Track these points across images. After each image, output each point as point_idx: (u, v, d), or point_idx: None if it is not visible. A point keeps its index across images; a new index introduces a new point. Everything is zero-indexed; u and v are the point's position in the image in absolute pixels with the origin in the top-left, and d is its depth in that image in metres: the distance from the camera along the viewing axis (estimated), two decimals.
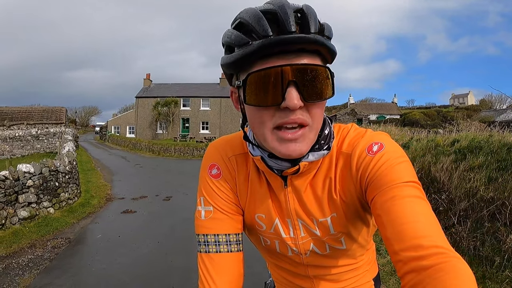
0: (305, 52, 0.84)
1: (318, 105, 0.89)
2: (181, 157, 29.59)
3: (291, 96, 0.82)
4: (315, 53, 0.85)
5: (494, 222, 5.02)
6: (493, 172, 5.85)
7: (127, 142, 39.68)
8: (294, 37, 0.80)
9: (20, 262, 5.95)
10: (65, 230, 7.96)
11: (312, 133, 0.91)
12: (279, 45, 0.81)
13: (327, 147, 1.01)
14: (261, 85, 0.85)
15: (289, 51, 0.82)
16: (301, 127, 0.88)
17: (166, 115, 47.70)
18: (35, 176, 8.55)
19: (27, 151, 29.27)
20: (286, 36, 0.80)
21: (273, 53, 0.83)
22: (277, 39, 0.80)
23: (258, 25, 0.82)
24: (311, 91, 0.84)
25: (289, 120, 0.86)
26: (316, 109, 0.88)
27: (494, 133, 8.02)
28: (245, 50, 0.84)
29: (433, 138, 9.20)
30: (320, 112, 0.90)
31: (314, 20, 0.83)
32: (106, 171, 18.67)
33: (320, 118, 0.92)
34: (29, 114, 37.45)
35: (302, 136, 0.88)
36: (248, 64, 0.87)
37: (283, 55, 0.83)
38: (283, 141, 0.89)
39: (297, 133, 0.87)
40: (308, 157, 0.97)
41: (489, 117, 40.46)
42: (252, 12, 0.85)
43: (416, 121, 48.62)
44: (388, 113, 62.31)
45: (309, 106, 0.87)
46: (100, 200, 11.20)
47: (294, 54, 0.83)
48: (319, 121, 0.92)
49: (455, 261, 0.70)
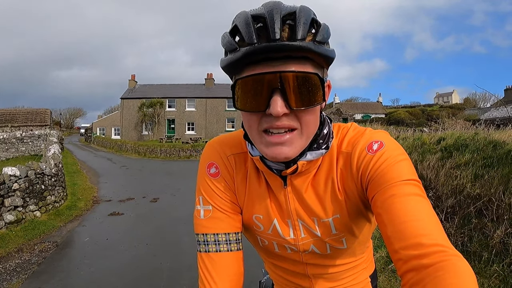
0: (293, 58, 0.83)
1: (308, 111, 0.88)
2: (167, 158, 29.40)
3: (275, 104, 0.82)
4: (304, 59, 0.84)
5: (481, 218, 5.10)
6: (479, 169, 5.94)
7: (113, 143, 39.16)
8: (277, 45, 0.79)
9: (8, 267, 5.85)
10: (52, 233, 7.85)
11: (303, 138, 0.91)
12: (263, 53, 0.81)
13: (325, 147, 1.01)
14: (247, 91, 0.86)
15: (275, 58, 0.82)
16: (289, 131, 0.88)
17: (151, 116, 47.33)
18: (21, 179, 8.40)
19: (12, 154, 28.78)
20: (269, 44, 0.80)
21: (260, 60, 0.83)
22: (260, 47, 0.80)
23: (246, 32, 0.83)
24: (297, 98, 0.84)
25: (274, 125, 0.86)
26: (306, 116, 0.88)
27: (479, 131, 8.15)
28: (233, 56, 0.85)
29: (419, 137, 9.32)
30: (311, 118, 0.90)
31: (303, 25, 0.82)
32: (92, 173, 18.45)
33: (312, 124, 0.92)
34: (13, 116, 37.03)
35: (289, 141, 0.88)
36: (239, 69, 0.88)
37: (270, 62, 0.83)
38: (270, 144, 0.89)
39: (284, 137, 0.88)
40: (306, 156, 0.98)
41: (473, 115, 40.95)
42: (243, 17, 0.85)
43: (401, 120, 49.01)
44: (374, 112, 62.69)
45: (298, 112, 0.87)
46: (87, 202, 11.07)
47: (281, 61, 0.82)
48: (311, 126, 0.92)
49: (455, 260, 0.70)
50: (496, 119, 24.32)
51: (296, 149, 0.91)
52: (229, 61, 0.87)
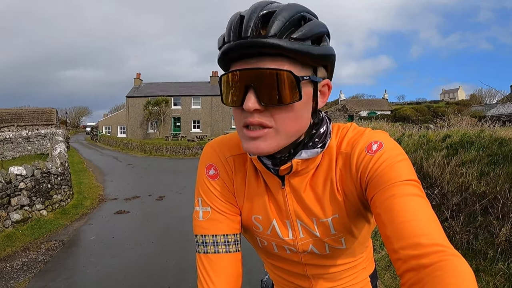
0: (268, 56, 0.84)
1: (282, 109, 0.87)
2: (173, 156, 29.45)
3: (248, 100, 0.84)
4: (281, 57, 0.84)
5: (487, 216, 5.07)
6: (485, 167, 5.91)
7: (118, 142, 39.34)
8: (247, 42, 0.81)
9: (15, 265, 5.91)
10: (58, 232, 7.91)
11: (280, 137, 0.91)
12: (237, 50, 0.83)
13: (321, 145, 1.00)
14: (228, 87, 0.89)
15: (252, 55, 0.84)
16: (264, 128, 0.89)
17: (157, 114, 47.42)
18: (27, 178, 8.47)
19: (18, 153, 29.00)
20: (240, 41, 0.82)
21: (238, 58, 0.86)
22: (233, 44, 0.83)
23: (226, 31, 0.86)
24: (269, 95, 0.85)
25: (248, 121, 0.88)
26: (280, 114, 0.88)
27: (485, 128, 8.11)
28: (218, 54, 0.90)
29: (424, 134, 9.28)
30: (288, 116, 0.89)
31: (278, 22, 0.82)
32: (98, 172, 18.54)
33: (289, 123, 0.90)
34: (19, 116, 37.25)
35: (264, 136, 0.89)
36: (224, 66, 0.92)
37: (248, 59, 0.85)
38: (247, 139, 0.91)
39: (259, 132, 0.89)
40: (301, 155, 0.98)
41: (479, 112, 40.71)
42: (232, 17, 0.87)
43: (407, 116, 48.68)
44: (379, 109, 62.37)
45: (272, 109, 0.87)
46: (93, 201, 11.14)
47: (257, 58, 0.84)
48: (288, 125, 0.90)
49: (454, 260, 0.70)
50: (502, 116, 24.23)
51: (272, 146, 0.91)
52: (217, 59, 0.91)
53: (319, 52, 0.88)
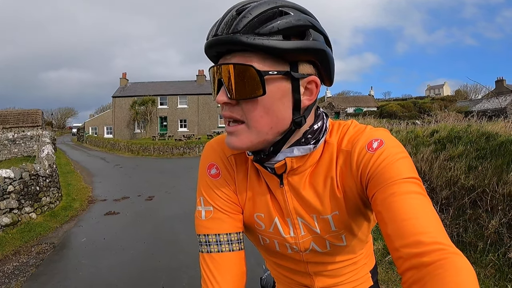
0: (237, 51, 0.87)
1: (251, 102, 0.89)
2: (160, 156, 29.25)
3: (219, 93, 0.90)
4: (249, 52, 0.85)
5: (476, 209, 5.16)
6: (473, 161, 5.99)
7: (106, 142, 38.93)
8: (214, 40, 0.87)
9: (6, 270, 5.83)
10: (48, 235, 7.82)
11: (251, 132, 0.92)
12: (210, 48, 0.90)
13: (314, 142, 1.00)
14: (211, 82, 0.96)
15: (224, 52, 0.89)
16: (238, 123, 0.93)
17: (143, 114, 47.10)
18: (16, 181, 8.35)
19: (4, 156, 28.51)
20: (212, 39, 0.88)
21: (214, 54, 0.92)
22: (207, 42, 0.90)
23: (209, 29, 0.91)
24: (235, 89, 0.87)
25: (222, 114, 0.95)
26: (248, 107, 0.89)
27: (472, 123, 8.20)
28: None
29: (412, 130, 9.37)
30: (257, 110, 0.89)
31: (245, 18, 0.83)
32: (86, 173, 18.32)
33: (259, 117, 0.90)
34: (4, 118, 36.63)
35: (236, 131, 0.93)
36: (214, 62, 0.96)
37: (223, 55, 0.91)
38: (227, 134, 0.96)
39: (232, 127, 0.93)
40: (293, 152, 0.98)
41: (465, 107, 41.17)
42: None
43: (393, 113, 49.00)
44: (366, 105, 62.74)
45: (243, 103, 0.90)
46: (82, 202, 11.01)
47: (229, 54, 0.89)
48: (257, 121, 0.91)
49: (455, 258, 0.70)
50: (488, 111, 24.53)
51: (244, 142, 0.93)
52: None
53: (289, 47, 0.85)
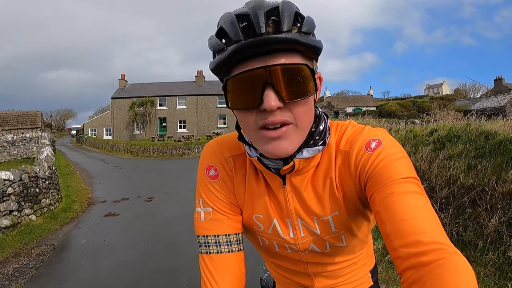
0: (281, 51, 0.83)
1: (301, 103, 0.87)
2: (160, 157, 29.27)
3: (268, 98, 0.82)
4: (293, 51, 0.84)
5: (475, 207, 5.15)
6: (472, 160, 5.98)
7: (105, 144, 38.89)
8: (263, 39, 0.80)
9: (6, 272, 5.84)
10: (48, 237, 7.83)
11: (299, 132, 0.91)
12: (251, 48, 0.81)
13: (322, 143, 1.00)
14: (239, 89, 0.86)
15: (264, 52, 0.82)
16: (284, 125, 0.87)
17: (142, 115, 46.99)
18: (15, 183, 8.36)
19: (4, 158, 28.50)
20: (256, 39, 0.80)
21: (249, 56, 0.83)
22: (247, 43, 0.80)
23: (231, 30, 0.83)
24: (289, 91, 0.83)
25: (269, 121, 0.86)
26: (299, 108, 0.87)
27: (471, 122, 8.20)
28: (221, 56, 0.85)
29: (411, 129, 9.35)
30: (304, 110, 0.89)
31: (287, 18, 0.82)
32: (85, 175, 18.33)
33: (306, 116, 0.91)
34: (3, 120, 36.63)
35: (285, 134, 0.88)
36: (229, 68, 0.87)
37: (259, 57, 0.83)
38: (268, 140, 0.89)
39: (280, 130, 0.87)
40: (302, 154, 0.97)
41: (464, 106, 41.17)
42: (228, 17, 0.86)
43: (392, 112, 48.94)
44: (365, 105, 62.64)
45: (291, 105, 0.86)
46: (82, 204, 11.03)
47: (270, 55, 0.82)
48: (305, 119, 0.91)
49: (454, 257, 0.70)
50: (486, 109, 24.49)
51: (294, 143, 0.91)
52: (218, 62, 0.87)
53: (320, 45, 0.89)
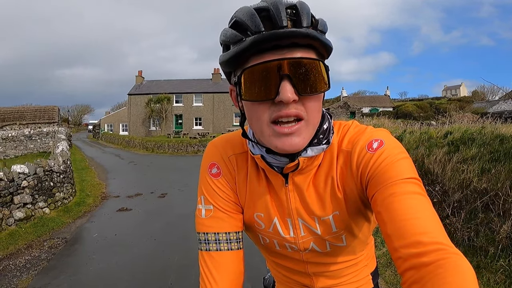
0: (299, 46, 0.84)
1: (314, 98, 0.89)
2: (175, 154, 29.41)
3: (285, 90, 0.83)
4: (309, 47, 0.86)
5: (488, 212, 5.07)
6: (486, 164, 5.89)
7: (121, 139, 39.29)
8: (286, 31, 0.81)
9: (18, 263, 5.94)
10: (61, 230, 7.94)
11: (309, 128, 0.91)
12: (272, 40, 0.82)
13: (326, 142, 1.01)
14: (255, 80, 0.86)
15: (283, 45, 0.83)
16: (297, 121, 0.88)
17: (159, 112, 47.32)
18: (30, 176, 8.49)
19: (21, 152, 29.01)
20: (278, 31, 0.81)
21: (267, 49, 0.84)
22: (269, 34, 0.81)
23: (251, 22, 0.84)
24: (305, 84, 0.85)
25: (283, 113, 0.86)
26: (311, 103, 0.89)
27: (486, 125, 8.09)
28: (240, 47, 0.85)
29: (426, 131, 9.25)
30: (316, 106, 0.90)
31: (306, 15, 0.84)
32: (100, 170, 18.53)
33: (316, 112, 0.92)
34: (21, 114, 37.25)
35: (298, 130, 0.88)
36: (244, 60, 0.88)
37: (277, 50, 0.84)
38: (280, 136, 0.89)
39: (293, 127, 0.88)
40: (307, 152, 0.98)
41: (482, 108, 40.57)
42: (246, 10, 0.86)
43: (409, 113, 48.50)
44: (381, 105, 62.17)
45: (304, 99, 0.87)
46: (95, 198, 11.15)
47: (288, 48, 0.84)
48: (315, 115, 0.92)
49: (455, 258, 0.70)
50: (504, 112, 24.12)
51: (305, 140, 0.92)
52: (235, 52, 0.87)
53: (332, 45, 0.91)
